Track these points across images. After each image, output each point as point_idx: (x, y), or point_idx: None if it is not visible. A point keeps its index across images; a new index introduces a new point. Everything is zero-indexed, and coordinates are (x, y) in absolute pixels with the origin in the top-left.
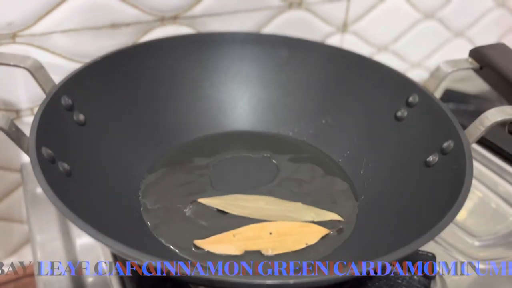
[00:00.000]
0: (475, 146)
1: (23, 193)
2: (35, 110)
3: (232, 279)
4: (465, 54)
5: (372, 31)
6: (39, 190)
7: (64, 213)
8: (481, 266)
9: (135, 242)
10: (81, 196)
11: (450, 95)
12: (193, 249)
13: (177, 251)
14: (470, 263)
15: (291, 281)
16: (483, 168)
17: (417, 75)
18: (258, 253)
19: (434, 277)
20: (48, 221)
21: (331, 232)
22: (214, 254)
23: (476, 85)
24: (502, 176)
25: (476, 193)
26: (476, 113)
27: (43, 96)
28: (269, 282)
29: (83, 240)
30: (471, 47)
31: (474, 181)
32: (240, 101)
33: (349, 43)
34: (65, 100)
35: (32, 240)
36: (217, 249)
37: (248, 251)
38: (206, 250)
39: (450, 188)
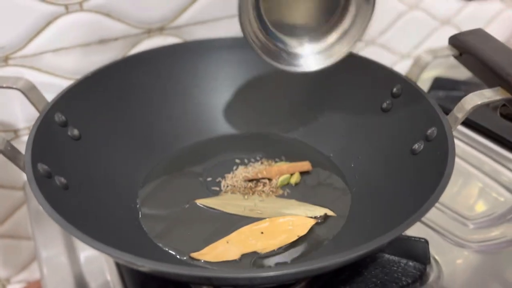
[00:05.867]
0: (467, 131)
1: (27, 210)
2: None
3: (234, 274)
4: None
5: None
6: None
7: (61, 225)
8: (476, 248)
9: (136, 249)
10: (80, 208)
11: (440, 83)
12: (191, 261)
13: (177, 256)
14: (464, 246)
15: (293, 270)
16: (475, 151)
17: (407, 65)
18: (254, 254)
19: (429, 262)
20: (52, 236)
21: (319, 221)
22: (212, 263)
23: (465, 71)
24: (502, 162)
25: (472, 179)
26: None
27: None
28: (269, 274)
29: (87, 253)
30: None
31: (466, 165)
32: (231, 105)
33: None
34: (59, 117)
35: (38, 256)
36: (214, 258)
37: (244, 254)
38: (203, 261)
39: (435, 174)
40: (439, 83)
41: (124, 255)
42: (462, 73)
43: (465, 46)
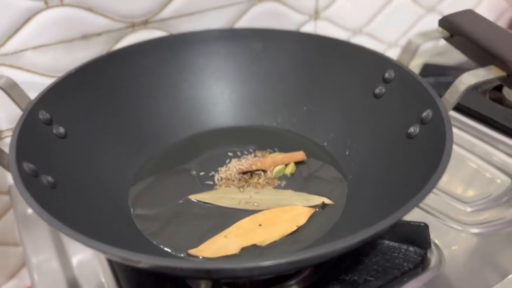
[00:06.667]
0: (458, 115)
1: (14, 215)
2: None
3: (236, 265)
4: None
5: (344, 15)
6: (29, 210)
7: (51, 224)
8: (475, 230)
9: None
10: (69, 208)
11: (428, 69)
12: (189, 259)
13: (173, 252)
14: (463, 229)
15: (295, 258)
16: (467, 135)
17: (395, 54)
18: (254, 247)
19: (429, 247)
20: (42, 241)
21: (317, 209)
22: (212, 259)
23: (453, 57)
24: (493, 144)
25: (466, 162)
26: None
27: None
28: (271, 263)
29: (80, 257)
30: None
31: (460, 149)
32: (221, 98)
33: (324, 29)
34: (43, 115)
35: (28, 262)
36: (213, 254)
37: (244, 247)
38: (201, 257)
39: (433, 156)
40: (427, 70)
41: (121, 251)
42: (449, 59)
43: (456, 27)
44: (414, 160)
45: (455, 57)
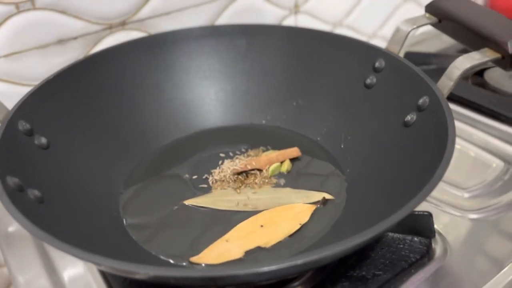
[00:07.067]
0: None
1: None
2: None
3: (239, 271)
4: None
5: (324, 8)
6: (11, 228)
7: (45, 240)
8: (474, 216)
9: (127, 259)
10: (59, 222)
11: (410, 58)
12: (191, 267)
13: (174, 262)
14: (464, 216)
15: (299, 262)
16: (457, 122)
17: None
18: (258, 249)
19: (434, 236)
20: (28, 259)
21: (318, 206)
22: (215, 265)
23: (433, 44)
24: (476, 126)
25: (456, 147)
26: (439, 71)
27: None
28: (277, 266)
29: (71, 272)
30: (420, 9)
31: None
32: (207, 98)
33: (304, 23)
34: (23, 125)
35: (14, 283)
36: (216, 260)
37: (248, 250)
38: (203, 264)
39: (435, 142)
40: (409, 59)
41: (123, 264)
42: (431, 46)
43: (444, 12)
44: (414, 148)
45: (435, 44)
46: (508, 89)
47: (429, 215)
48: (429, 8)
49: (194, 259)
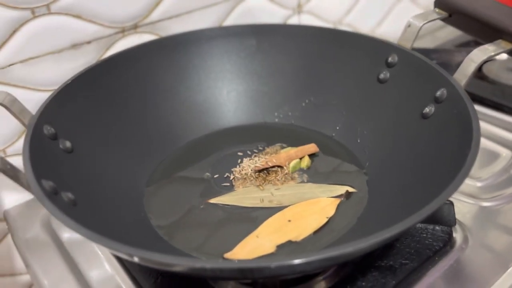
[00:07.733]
0: None
1: (13, 242)
2: (8, 150)
3: (271, 263)
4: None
5: (325, 7)
6: (29, 234)
7: (92, 239)
8: (488, 204)
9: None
10: (91, 223)
11: None
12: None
13: (204, 258)
14: (478, 204)
15: (335, 253)
16: None
17: None
18: (289, 243)
19: (454, 224)
20: (51, 262)
21: (342, 199)
22: (248, 260)
23: (431, 40)
24: (482, 119)
25: None
26: (442, 66)
27: (11, 136)
28: (327, 255)
29: (96, 272)
30: (415, 8)
31: None
32: (220, 98)
33: (307, 22)
34: (48, 130)
35: (39, 286)
36: (249, 255)
37: (279, 245)
38: (237, 260)
39: (458, 131)
40: None
41: (177, 259)
42: (429, 42)
43: (454, 7)
44: (435, 138)
45: (433, 40)
46: (507, 81)
47: (451, 204)
48: (438, 3)
49: (228, 255)
